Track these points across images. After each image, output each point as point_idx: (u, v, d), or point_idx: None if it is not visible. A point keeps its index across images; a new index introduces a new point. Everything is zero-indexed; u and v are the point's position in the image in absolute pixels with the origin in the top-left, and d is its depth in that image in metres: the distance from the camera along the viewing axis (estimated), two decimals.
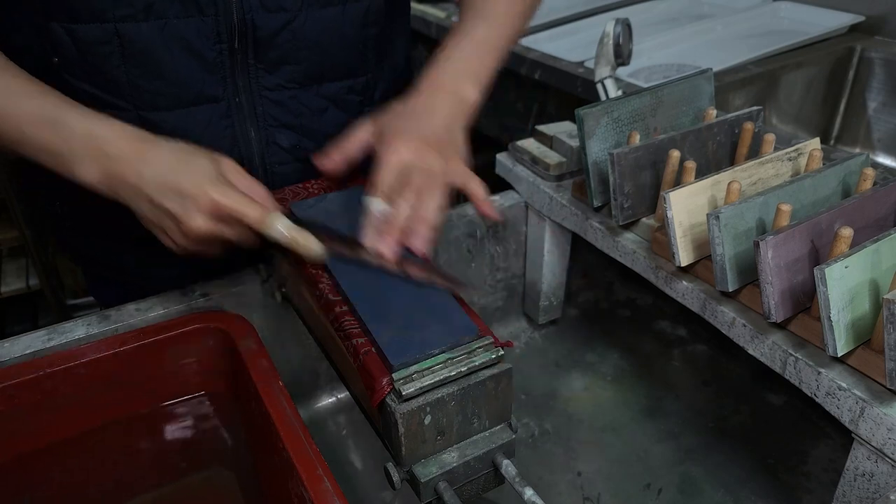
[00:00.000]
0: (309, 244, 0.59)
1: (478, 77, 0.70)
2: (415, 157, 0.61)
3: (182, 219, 0.57)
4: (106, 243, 0.81)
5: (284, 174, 0.77)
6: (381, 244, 0.59)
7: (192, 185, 0.57)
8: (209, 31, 0.67)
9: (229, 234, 0.59)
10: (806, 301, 0.58)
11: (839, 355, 0.53)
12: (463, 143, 0.67)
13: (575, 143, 0.81)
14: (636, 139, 0.71)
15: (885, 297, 0.49)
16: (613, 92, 0.88)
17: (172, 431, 0.66)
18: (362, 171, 0.75)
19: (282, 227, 0.59)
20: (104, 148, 0.59)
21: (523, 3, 0.77)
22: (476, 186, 0.64)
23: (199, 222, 0.57)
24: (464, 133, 0.68)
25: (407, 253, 0.59)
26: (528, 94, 1.38)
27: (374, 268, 0.59)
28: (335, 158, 0.67)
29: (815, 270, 0.51)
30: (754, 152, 0.73)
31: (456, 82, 0.69)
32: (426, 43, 1.65)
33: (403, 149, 0.62)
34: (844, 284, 0.52)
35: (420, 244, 0.59)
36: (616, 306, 0.98)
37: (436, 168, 0.62)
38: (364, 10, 0.74)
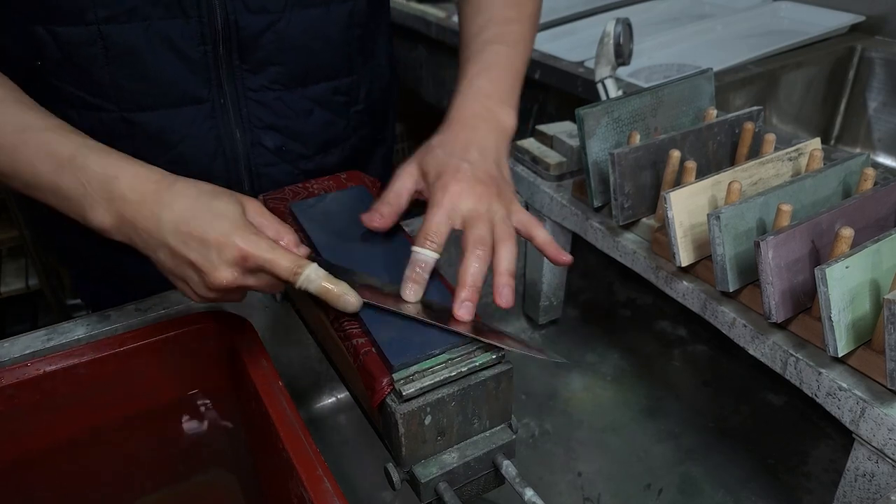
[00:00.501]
0: (344, 295, 0.53)
1: (511, 100, 0.67)
2: (474, 202, 0.56)
3: (206, 270, 0.52)
4: (96, 243, 0.81)
5: (270, 175, 0.77)
6: (459, 309, 0.53)
7: (217, 234, 0.51)
8: (193, 33, 0.67)
9: (254, 284, 0.54)
10: (806, 301, 0.58)
11: (840, 356, 0.53)
12: (510, 178, 0.62)
13: (575, 143, 0.81)
14: (636, 139, 0.71)
15: (885, 297, 0.49)
16: (614, 92, 0.88)
17: (172, 432, 0.66)
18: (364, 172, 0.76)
19: (316, 279, 0.53)
20: (119, 191, 0.53)
21: (532, 26, 0.75)
22: (542, 233, 0.59)
23: (225, 274, 0.52)
24: (507, 164, 0.64)
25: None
26: (528, 94, 1.38)
27: (409, 320, 0.54)
28: (385, 215, 0.59)
29: (815, 270, 0.51)
30: (755, 152, 0.73)
31: (493, 110, 0.65)
32: (426, 43, 1.65)
33: (460, 192, 0.56)
34: (845, 284, 0.52)
35: (507, 300, 0.54)
36: (616, 306, 0.98)
37: (499, 214, 0.57)
38: (348, 11, 0.74)
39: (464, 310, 0.53)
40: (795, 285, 0.57)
